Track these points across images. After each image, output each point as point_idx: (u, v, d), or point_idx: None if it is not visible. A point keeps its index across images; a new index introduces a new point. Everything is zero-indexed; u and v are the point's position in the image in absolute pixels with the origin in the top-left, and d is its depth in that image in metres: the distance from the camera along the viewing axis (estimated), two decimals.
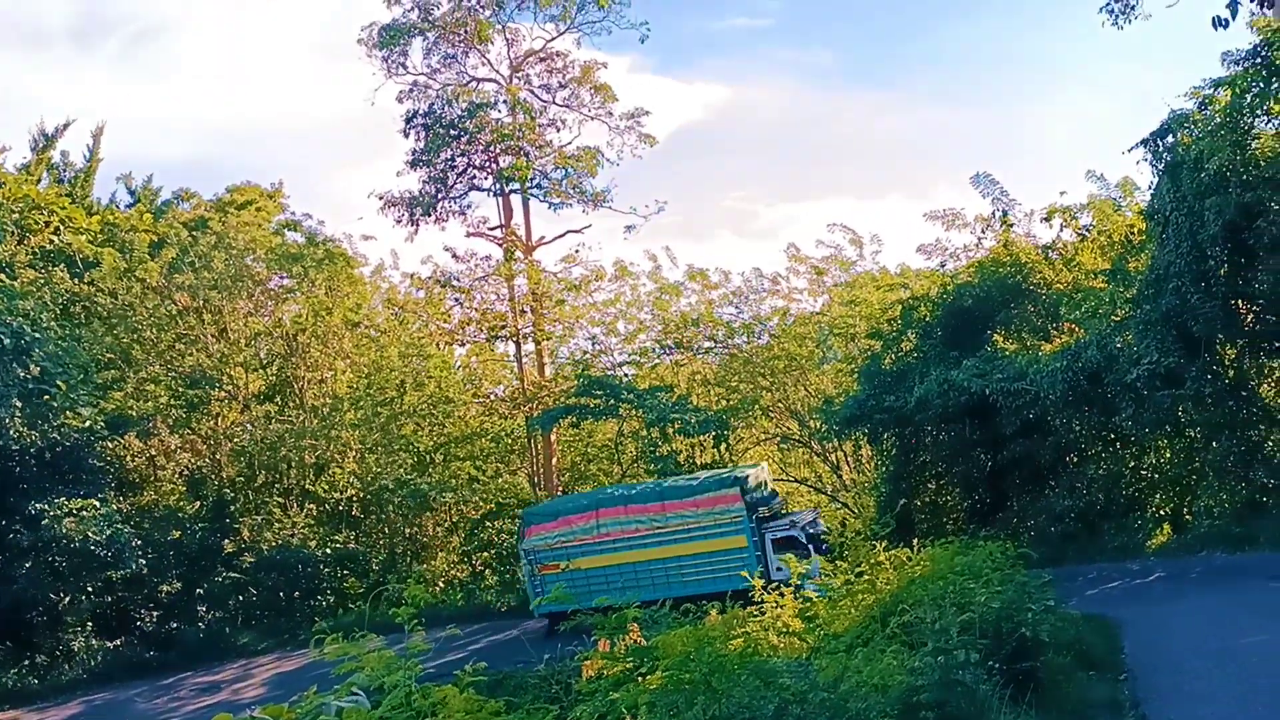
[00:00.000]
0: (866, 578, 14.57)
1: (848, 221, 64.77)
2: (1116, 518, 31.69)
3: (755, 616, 14.92)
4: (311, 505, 43.90)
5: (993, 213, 37.78)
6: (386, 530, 45.68)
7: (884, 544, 17.50)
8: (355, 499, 44.57)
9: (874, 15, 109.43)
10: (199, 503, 41.99)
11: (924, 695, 8.56)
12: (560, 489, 46.76)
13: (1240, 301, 28.44)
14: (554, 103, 48.67)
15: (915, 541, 27.24)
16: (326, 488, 44.61)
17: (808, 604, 13.35)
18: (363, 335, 47.58)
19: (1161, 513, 32.10)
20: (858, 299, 43.08)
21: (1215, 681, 14.09)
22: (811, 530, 31.26)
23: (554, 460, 46.80)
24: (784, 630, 12.96)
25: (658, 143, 49.05)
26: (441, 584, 44.54)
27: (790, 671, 8.68)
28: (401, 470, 44.73)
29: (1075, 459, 33.09)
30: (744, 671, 8.38)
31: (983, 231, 38.53)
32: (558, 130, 48.57)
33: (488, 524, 46.98)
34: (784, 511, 33.84)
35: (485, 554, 46.62)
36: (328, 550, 41.97)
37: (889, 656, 9.44)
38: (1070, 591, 23.80)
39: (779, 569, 29.34)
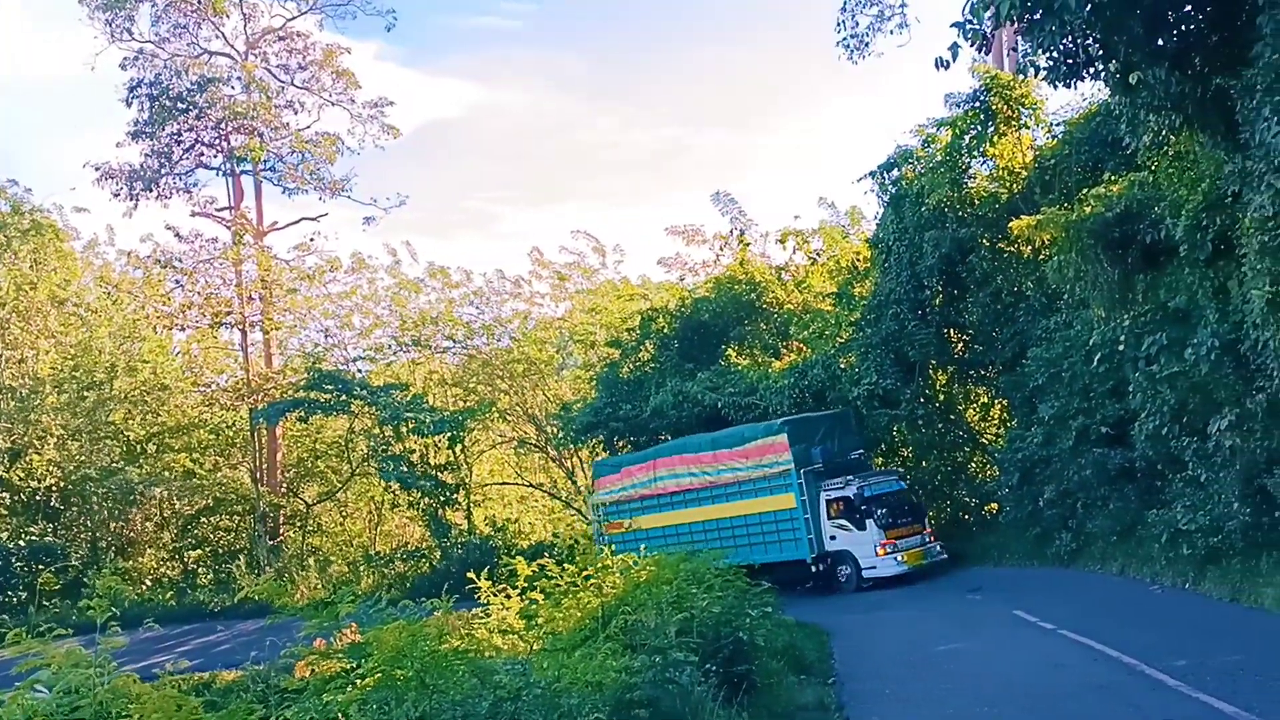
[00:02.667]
0: (593, 580, 14.48)
1: (591, 230, 65.67)
2: None
3: (481, 619, 14.65)
4: (4, 494, 40.44)
5: (731, 231, 39.22)
6: (89, 523, 42.66)
7: (612, 548, 17.55)
8: (55, 488, 41.32)
9: (623, 29, 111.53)
10: None
11: (637, 693, 8.55)
12: (284, 487, 44.94)
13: (952, 330, 30.32)
14: (292, 84, 47.27)
15: (643, 547, 27.58)
16: (22, 475, 41.13)
17: (532, 604, 13.18)
18: (70, 314, 44.31)
19: None
20: (599, 307, 43.52)
21: (914, 687, 14.81)
22: (870, 492, 27.04)
23: (279, 455, 44.97)
24: (507, 630, 12.77)
25: (401, 135, 48.46)
26: (149, 582, 41.96)
27: (507, 670, 8.49)
28: (109, 459, 41.83)
29: None
30: (459, 668, 8.12)
31: (721, 249, 39.91)
32: (295, 113, 47.22)
33: (203, 520, 44.78)
34: (867, 466, 29.08)
35: (199, 551, 44.35)
36: (21, 543, 38.91)
37: (605, 655, 9.41)
38: (790, 600, 24.66)
39: (832, 537, 27.23)
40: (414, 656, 7.84)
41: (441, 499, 40.09)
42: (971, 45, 15.35)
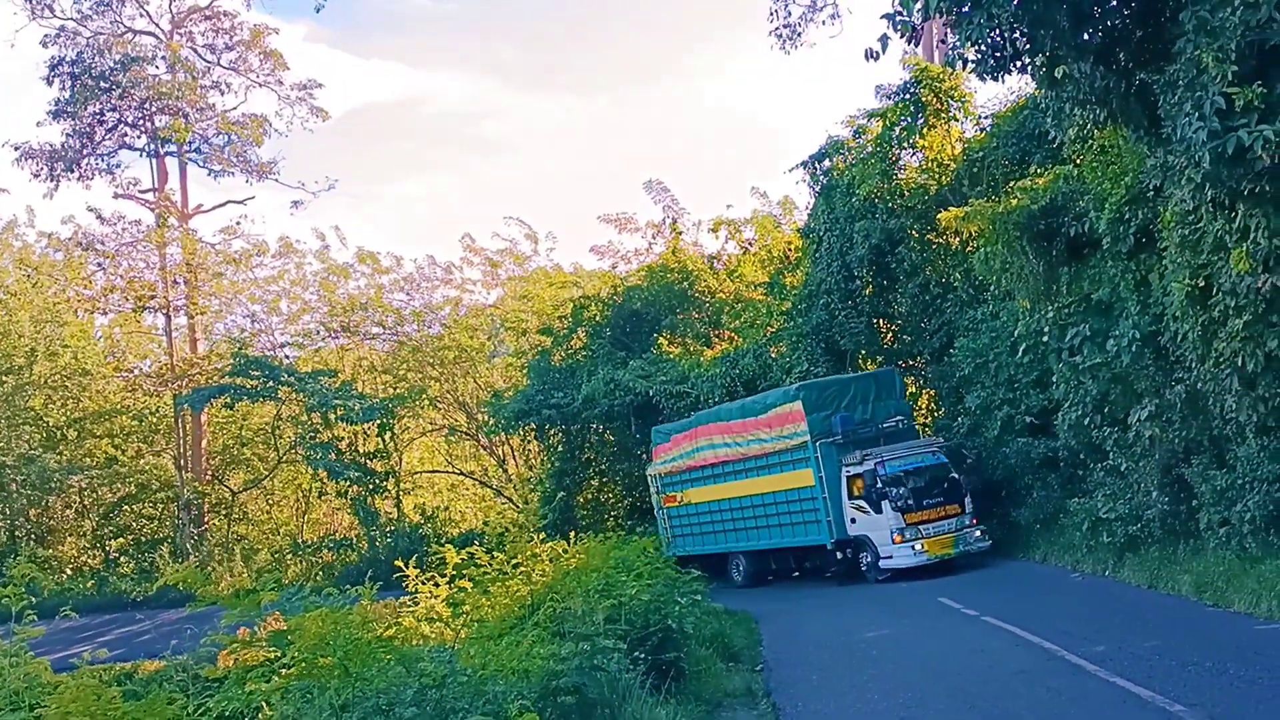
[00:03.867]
0: (522, 569, 14.42)
1: (524, 216, 65.49)
2: None
3: (409, 607, 14.52)
4: None
5: (663, 219, 39.26)
6: (7, 511, 41.68)
7: (542, 536, 17.50)
8: None
9: (558, 13, 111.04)
10: None
11: (564, 680, 8.54)
12: (210, 474, 44.22)
13: (882, 321, 30.57)
14: (219, 64, 46.51)
15: (573, 535, 27.48)
16: None
17: (460, 592, 13.08)
18: None
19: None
20: (531, 294, 43.33)
21: (840, 673, 14.97)
22: (892, 469, 23.71)
23: (204, 442, 44.23)
24: (434, 618, 12.68)
25: (330, 117, 47.86)
26: (70, 571, 41.10)
27: (433, 657, 8.44)
28: (27, 446, 40.82)
29: None
30: (383, 656, 8.04)
31: (653, 237, 39.90)
32: (222, 94, 46.52)
33: (126, 508, 43.95)
34: (909, 434, 25.77)
35: (121, 540, 43.52)
36: None
37: (532, 643, 9.40)
38: (720, 587, 24.80)
39: (853, 520, 24.34)
40: (337, 644, 7.74)
41: (370, 487, 39.72)
42: (901, 37, 15.50)
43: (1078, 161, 20.37)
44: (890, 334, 30.94)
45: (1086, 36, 14.64)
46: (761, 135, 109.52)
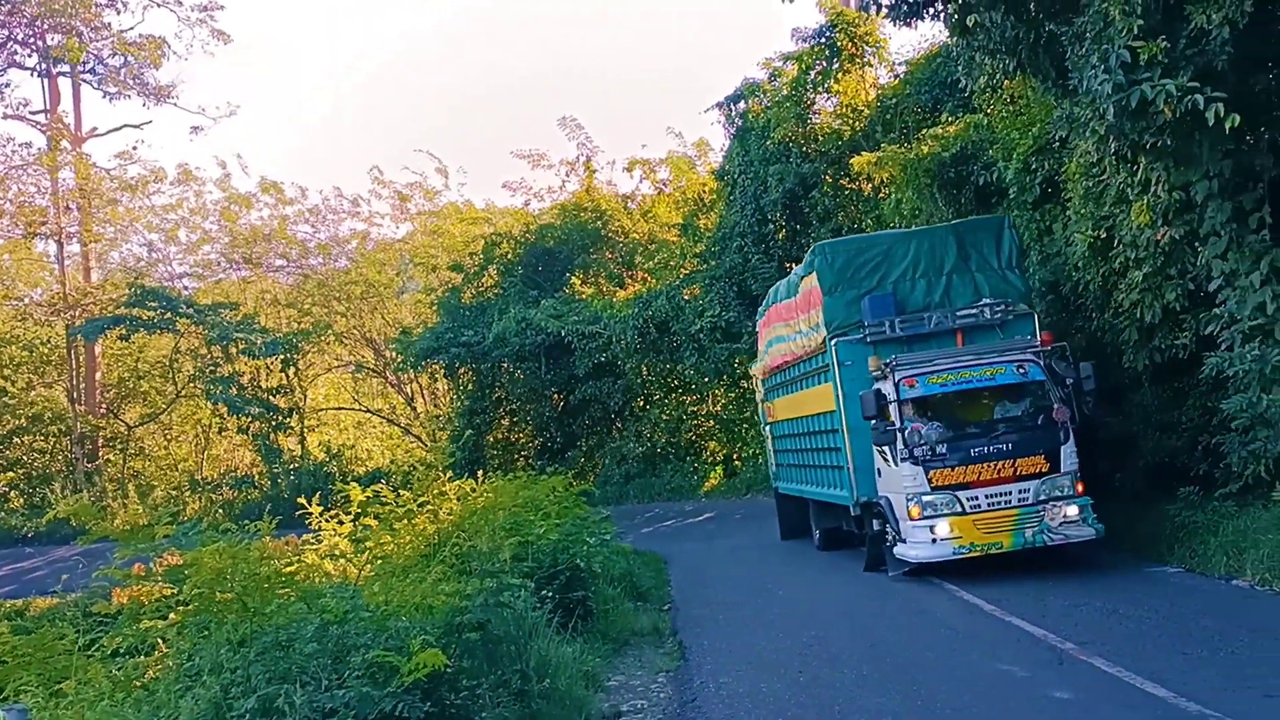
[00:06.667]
0: (429, 507, 14.26)
1: (435, 150, 64.44)
2: (676, 460, 33.66)
3: (311, 544, 14.30)
4: None
5: (577, 157, 38.92)
6: None
7: (450, 475, 17.34)
8: None
9: None
10: None
11: (469, 617, 8.52)
12: (103, 407, 43.07)
13: (794, 265, 30.71)
14: None
15: (481, 474, 27.38)
16: None
17: (365, 530, 12.90)
18: None
19: (715, 457, 34.34)
20: (441, 229, 42.71)
21: (746, 612, 15.14)
22: (928, 389, 14.57)
23: (98, 374, 42.99)
24: (337, 555, 12.52)
25: (232, 41, 46.08)
26: None
27: (335, 593, 8.33)
28: None
29: (642, 403, 34.73)
30: (283, 591, 7.92)
31: (567, 175, 39.52)
32: (118, 12, 44.52)
33: (16, 440, 42.64)
34: (1015, 330, 15.64)
35: (11, 474, 42.25)
36: None
37: (436, 580, 9.36)
38: (630, 528, 24.94)
39: (879, 472, 15.48)
40: (235, 579, 7.58)
41: (273, 423, 39.08)
42: None
43: (988, 111, 20.57)
44: None
45: None
46: (676, 76, 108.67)
